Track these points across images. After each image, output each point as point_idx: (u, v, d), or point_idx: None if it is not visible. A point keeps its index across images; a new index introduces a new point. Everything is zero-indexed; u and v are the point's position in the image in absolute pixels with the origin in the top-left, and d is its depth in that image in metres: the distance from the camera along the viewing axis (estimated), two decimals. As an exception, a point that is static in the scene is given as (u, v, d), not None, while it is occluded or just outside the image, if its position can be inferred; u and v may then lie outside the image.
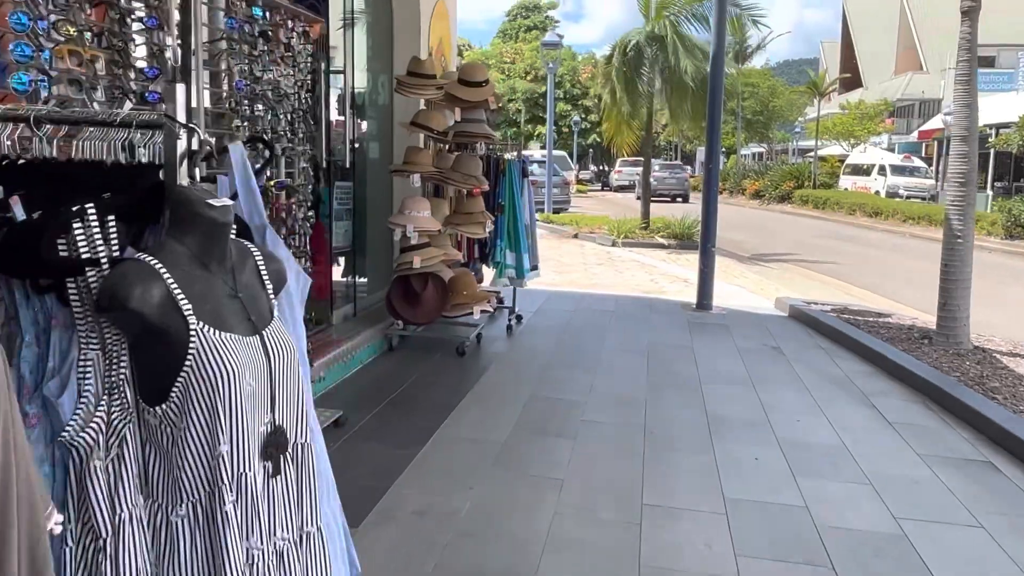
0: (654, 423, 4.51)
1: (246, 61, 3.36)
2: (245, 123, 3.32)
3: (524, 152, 28.56)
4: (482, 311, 5.80)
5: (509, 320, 6.87)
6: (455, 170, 5.73)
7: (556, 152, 30.41)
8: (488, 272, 7.43)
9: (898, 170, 29.54)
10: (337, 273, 6.07)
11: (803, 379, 5.57)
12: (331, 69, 5.54)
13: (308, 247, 3.97)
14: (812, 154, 43.73)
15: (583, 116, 47.30)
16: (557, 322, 7.29)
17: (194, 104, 2.92)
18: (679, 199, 30.90)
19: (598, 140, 51.59)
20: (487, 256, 6.72)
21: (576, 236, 16.28)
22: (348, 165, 5.61)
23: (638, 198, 34.89)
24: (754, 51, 25.51)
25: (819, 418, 4.72)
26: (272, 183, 3.61)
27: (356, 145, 5.97)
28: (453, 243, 6.39)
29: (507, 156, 6.63)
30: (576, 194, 35.94)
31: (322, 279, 5.69)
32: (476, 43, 58.72)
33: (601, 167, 57.63)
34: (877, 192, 28.29)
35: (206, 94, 3.13)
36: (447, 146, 6.44)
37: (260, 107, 3.46)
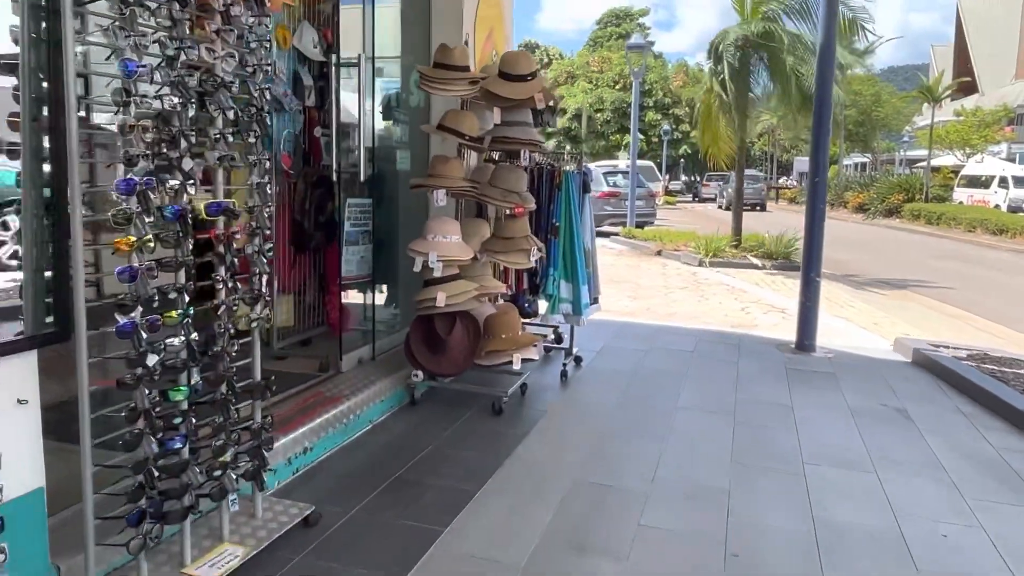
0: (739, 536, 3.27)
1: (150, 33, 2.36)
2: (139, 122, 2.30)
3: (598, 163, 27.33)
4: (525, 360, 4.66)
5: (564, 364, 5.71)
6: (493, 184, 4.64)
7: (642, 162, 29.03)
8: (541, 304, 6.30)
9: (1021, 182, 26.83)
10: (351, 308, 5.06)
11: (942, 461, 4.21)
12: (341, 60, 4.53)
13: (263, 288, 2.94)
14: (921, 165, 40.77)
15: (673, 126, 45.57)
16: (623, 366, 6.07)
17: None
18: (757, 207, 32.35)
19: (688, 150, 49.80)
20: (538, 287, 5.59)
21: (659, 253, 14.95)
22: (364, 178, 4.58)
23: (719, 207, 34.22)
24: (862, 55, 23.52)
25: (974, 530, 3.39)
26: (200, 204, 2.60)
27: (375, 154, 4.95)
28: (497, 272, 5.29)
29: (564, 167, 5.49)
30: (664, 206, 34.48)
31: (330, 315, 4.69)
32: (568, 52, 57.85)
33: (692, 178, 55.62)
34: (997, 206, 25.72)
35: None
36: (488, 155, 5.36)
37: (176, 99, 2.44)
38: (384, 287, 5.35)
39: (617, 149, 44.45)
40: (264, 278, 2.94)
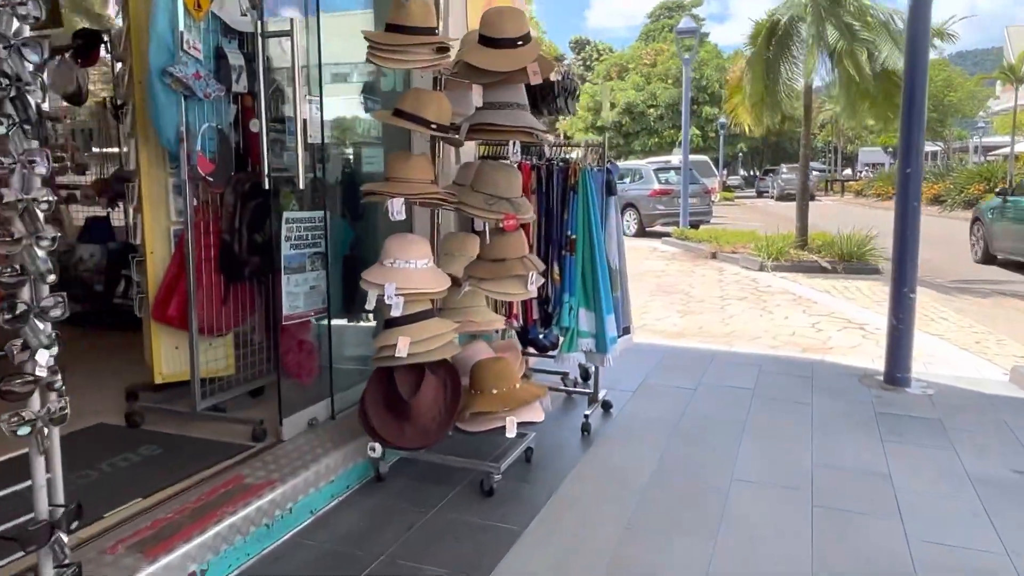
0: None
1: None
2: None
3: (650, 159, 25.83)
4: (524, 424, 3.47)
5: (586, 415, 4.47)
6: (476, 189, 3.45)
7: (696, 157, 27.45)
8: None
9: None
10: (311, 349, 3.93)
11: None
12: (267, 30, 3.40)
13: (44, 370, 1.81)
14: (999, 152, 38.04)
15: (731, 119, 43.63)
16: (665, 412, 4.80)
17: None
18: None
19: (746, 146, 47.71)
20: (551, 317, 4.37)
21: (714, 256, 13.53)
22: (306, 186, 3.45)
23: (772, 199, 32.50)
24: (939, 34, 21.60)
25: None
26: None
27: (328, 154, 3.82)
28: (495, 301, 4.09)
29: (580, 162, 4.25)
30: (721, 202, 32.77)
31: (284, 359, 3.58)
32: (619, 48, 56.27)
33: (751, 172, 53.47)
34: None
35: None
36: (487, 150, 4.17)
37: None
38: (350, 321, 4.21)
39: (672, 146, 42.68)
40: (45, 355, 1.81)
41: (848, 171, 55.68)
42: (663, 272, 11.71)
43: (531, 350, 4.79)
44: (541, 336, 4.69)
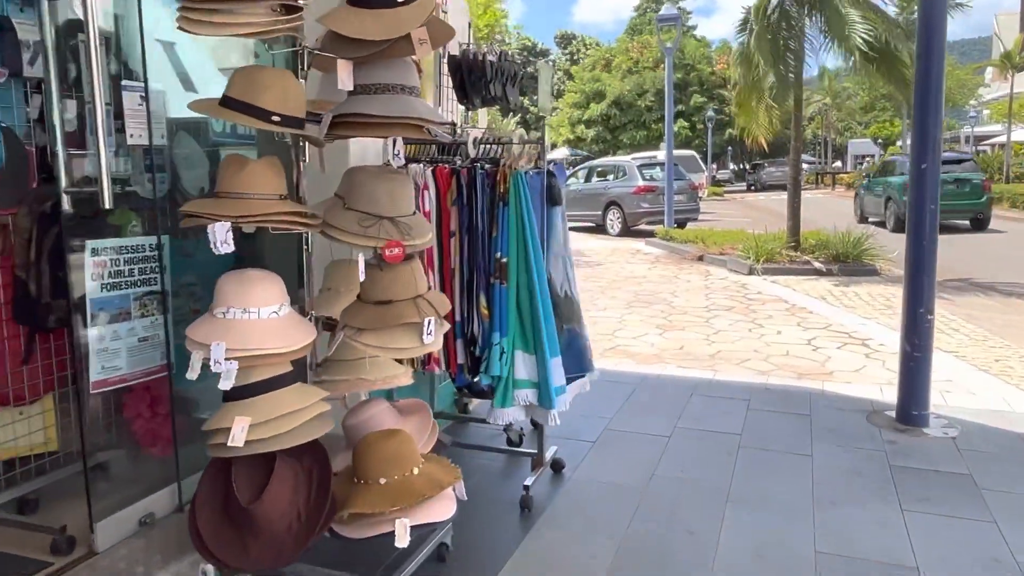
0: None
1: None
2: None
3: (635, 155, 24.93)
4: (419, 527, 2.52)
5: (526, 485, 3.52)
6: (350, 206, 2.49)
7: (682, 152, 26.56)
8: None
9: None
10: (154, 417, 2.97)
11: None
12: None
13: None
14: (992, 142, 37.24)
15: (718, 110, 42.68)
16: (629, 475, 3.86)
17: None
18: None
19: (735, 134, 46.83)
20: (480, 361, 3.42)
21: (701, 259, 12.61)
22: (109, 205, 2.49)
23: (749, 189, 31.74)
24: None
25: None
26: None
27: (177, 160, 2.86)
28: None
29: (511, 163, 3.30)
30: (710, 198, 31.88)
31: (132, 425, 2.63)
32: (606, 42, 55.28)
33: (740, 166, 52.61)
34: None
35: None
36: (413, 150, 3.22)
37: None
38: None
39: (660, 139, 41.70)
40: None
41: (839, 163, 54.91)
42: (644, 278, 10.78)
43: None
44: (475, 381, 3.75)
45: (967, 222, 16.95)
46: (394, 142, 2.37)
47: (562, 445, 4.14)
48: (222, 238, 2.21)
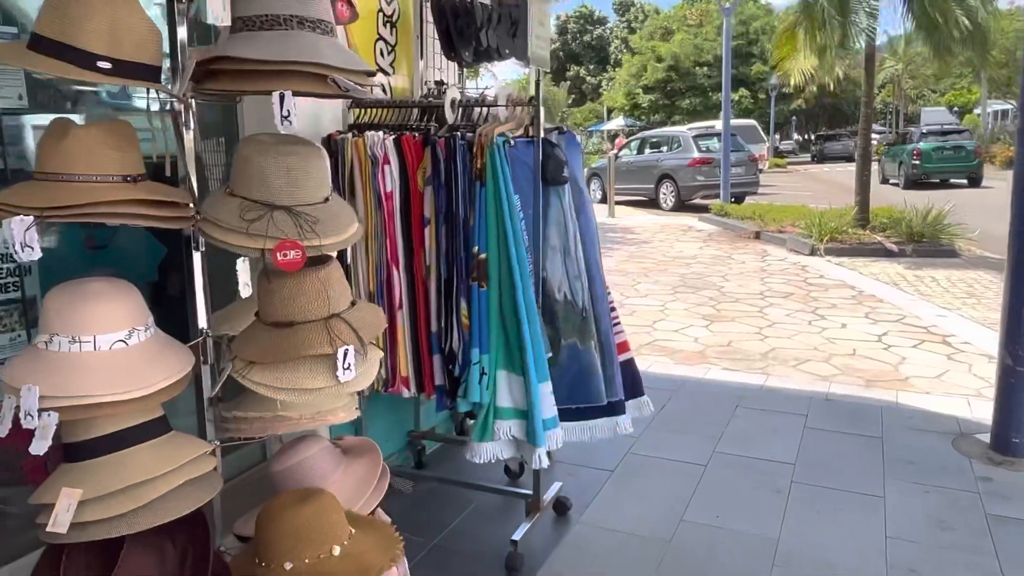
0: None
1: None
2: None
3: (692, 125, 23.75)
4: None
5: (514, 540, 2.79)
6: (233, 191, 1.78)
7: (741, 122, 25.22)
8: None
9: None
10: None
11: None
12: None
13: None
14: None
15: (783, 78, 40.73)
16: (653, 521, 3.11)
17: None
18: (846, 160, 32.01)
19: (803, 105, 44.60)
20: (459, 382, 2.70)
21: (758, 236, 11.63)
22: None
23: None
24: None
25: None
26: None
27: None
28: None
29: (487, 133, 2.54)
30: (772, 170, 30.39)
31: None
32: (665, 10, 53.28)
33: (806, 136, 50.40)
34: None
35: None
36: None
37: None
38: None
39: (720, 108, 39.96)
40: None
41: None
42: (693, 259, 9.88)
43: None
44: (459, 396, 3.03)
45: (964, 180, 20.58)
46: (282, 100, 1.65)
47: (572, 475, 3.41)
48: (20, 239, 1.52)
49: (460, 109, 2.77)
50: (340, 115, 2.94)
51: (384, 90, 3.26)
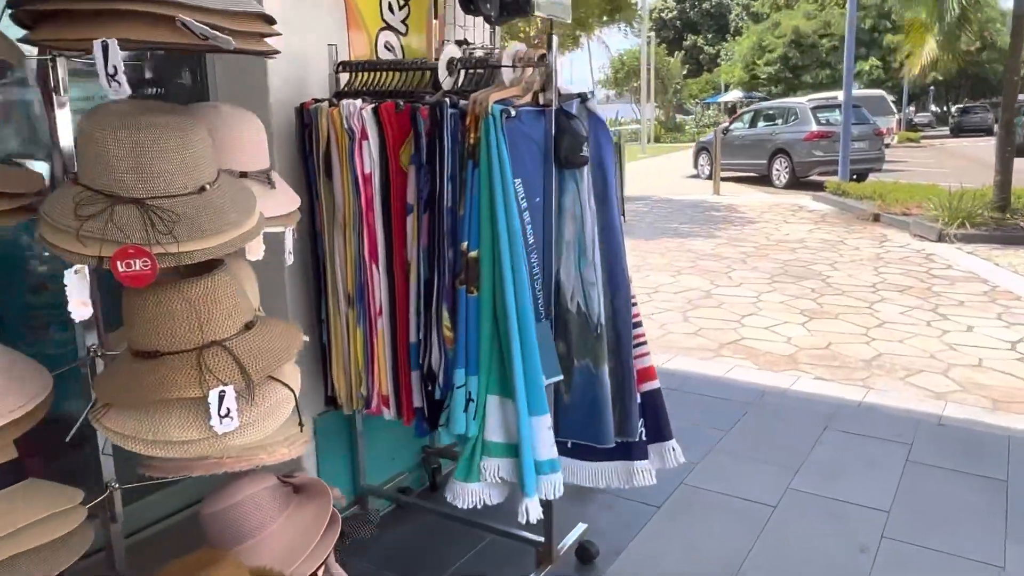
0: None
1: None
2: None
3: (812, 96, 22.19)
4: None
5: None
6: (78, 178, 1.34)
7: (867, 92, 23.38)
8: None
9: None
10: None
11: None
12: None
13: None
14: None
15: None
16: (702, 572, 2.54)
17: None
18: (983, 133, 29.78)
19: (939, 76, 41.21)
20: (441, 406, 2.21)
21: (877, 219, 10.53)
22: None
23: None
24: None
25: None
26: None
27: None
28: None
29: (482, 102, 2.01)
30: (902, 144, 28.16)
31: None
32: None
33: (944, 107, 46.61)
34: None
35: None
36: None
37: None
38: None
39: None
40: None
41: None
42: (800, 243, 8.97)
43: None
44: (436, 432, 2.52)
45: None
46: (105, 52, 1.18)
47: (609, 508, 2.87)
48: None
49: (462, 72, 2.25)
50: (327, 80, 2.47)
51: (391, 49, 2.77)
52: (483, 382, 2.12)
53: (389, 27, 2.78)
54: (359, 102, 2.16)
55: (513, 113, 2.02)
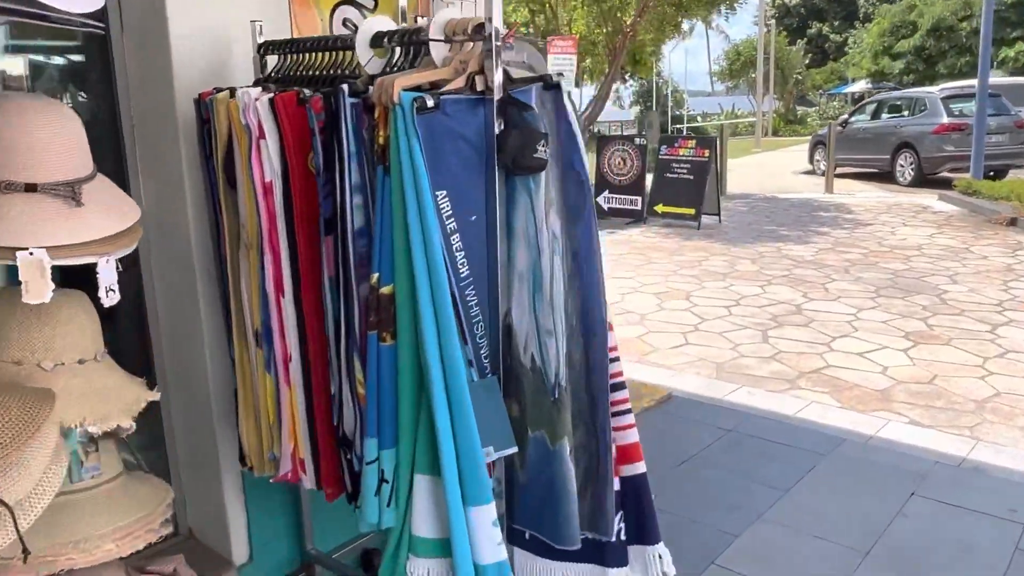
0: None
1: None
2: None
3: (945, 85, 20.35)
4: None
5: None
6: None
7: (1008, 80, 21.12)
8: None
9: None
10: None
11: None
12: None
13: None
14: None
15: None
16: None
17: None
18: None
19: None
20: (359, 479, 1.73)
21: (1014, 223, 9.27)
22: None
23: None
24: None
25: None
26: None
27: None
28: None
29: (389, 87, 1.50)
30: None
31: None
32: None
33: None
34: None
35: None
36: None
37: None
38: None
39: (993, 66, 34.13)
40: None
41: None
42: (918, 250, 7.93)
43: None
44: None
45: None
46: None
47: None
48: None
49: (398, 50, 1.75)
50: (252, 64, 2.03)
51: (352, 27, 2.29)
52: (404, 457, 1.62)
53: (355, 2, 2.30)
54: (256, 91, 1.70)
55: (430, 103, 1.50)
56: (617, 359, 1.74)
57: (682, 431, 3.59)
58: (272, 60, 2.02)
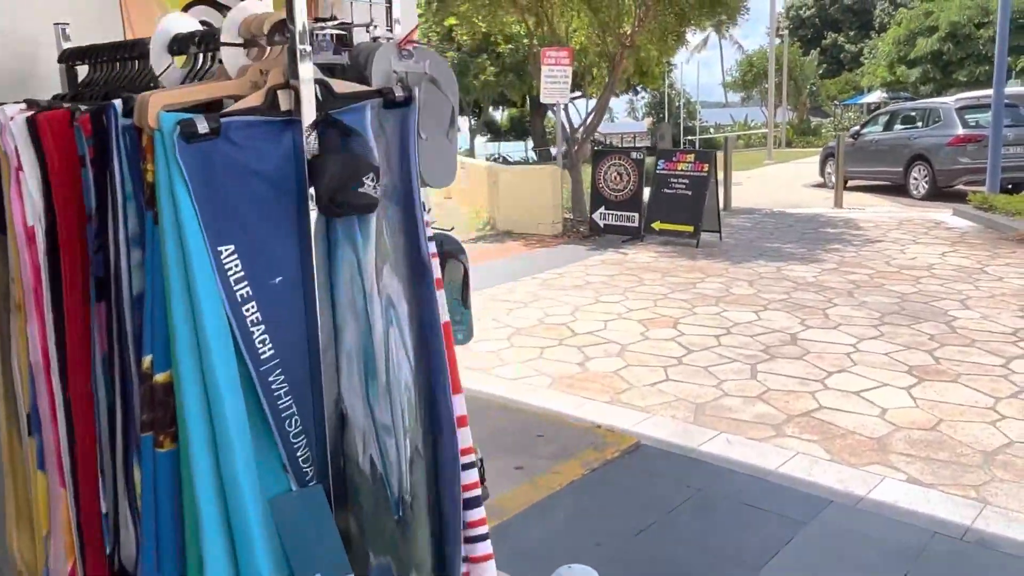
0: None
1: None
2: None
3: (962, 95, 19.82)
4: None
5: None
6: None
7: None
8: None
9: None
10: None
11: None
12: None
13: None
14: None
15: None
16: None
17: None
18: None
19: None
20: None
21: (1031, 241, 8.76)
22: None
23: None
24: None
25: None
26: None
27: None
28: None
29: (148, 106, 1.11)
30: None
31: None
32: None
33: None
34: None
35: None
36: None
37: None
38: None
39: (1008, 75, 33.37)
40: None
41: None
42: (928, 270, 7.45)
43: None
44: None
45: None
46: None
47: None
48: None
49: (200, 57, 1.35)
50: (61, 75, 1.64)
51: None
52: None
53: None
54: (13, 108, 1.31)
55: (203, 128, 1.09)
56: (473, 465, 1.33)
57: (645, 490, 3.16)
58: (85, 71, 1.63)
